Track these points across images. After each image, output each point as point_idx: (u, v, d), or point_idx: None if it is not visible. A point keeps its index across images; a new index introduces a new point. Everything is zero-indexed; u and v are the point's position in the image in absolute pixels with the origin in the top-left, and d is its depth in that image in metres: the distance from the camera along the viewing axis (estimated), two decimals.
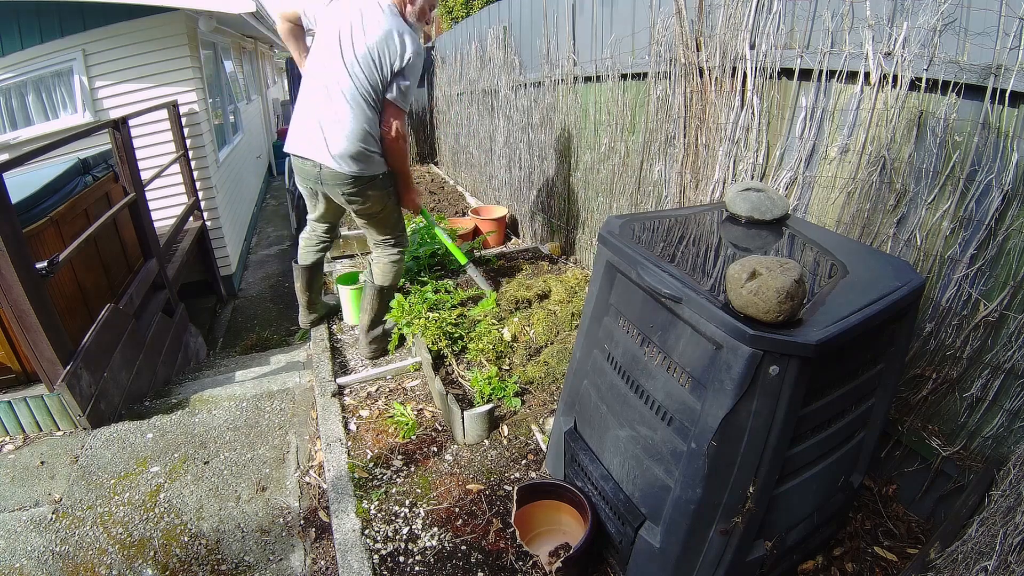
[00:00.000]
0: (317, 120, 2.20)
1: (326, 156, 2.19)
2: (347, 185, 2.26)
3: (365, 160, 2.23)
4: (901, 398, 1.72)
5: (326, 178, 2.27)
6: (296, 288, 2.94)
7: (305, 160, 2.27)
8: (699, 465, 1.20)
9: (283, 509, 1.91)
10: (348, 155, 2.18)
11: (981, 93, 1.38)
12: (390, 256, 2.59)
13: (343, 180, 2.24)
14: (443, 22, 9.60)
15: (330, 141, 2.18)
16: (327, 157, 2.19)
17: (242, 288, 5.33)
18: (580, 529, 1.60)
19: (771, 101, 1.97)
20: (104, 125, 3.01)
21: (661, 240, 1.54)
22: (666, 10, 2.30)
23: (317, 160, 2.22)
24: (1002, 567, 1.16)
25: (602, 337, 1.56)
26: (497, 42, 4.38)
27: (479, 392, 2.26)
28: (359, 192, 2.30)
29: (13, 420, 2.30)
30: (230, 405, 2.46)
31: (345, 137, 2.17)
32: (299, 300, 2.98)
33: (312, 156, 2.23)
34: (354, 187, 2.27)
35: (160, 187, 4.37)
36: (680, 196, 2.48)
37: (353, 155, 2.19)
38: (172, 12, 4.15)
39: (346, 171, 2.21)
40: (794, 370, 1.09)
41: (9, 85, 4.46)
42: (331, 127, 2.18)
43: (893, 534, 1.69)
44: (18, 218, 2.12)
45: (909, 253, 1.63)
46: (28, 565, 1.70)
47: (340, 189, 2.28)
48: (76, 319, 2.57)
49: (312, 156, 2.23)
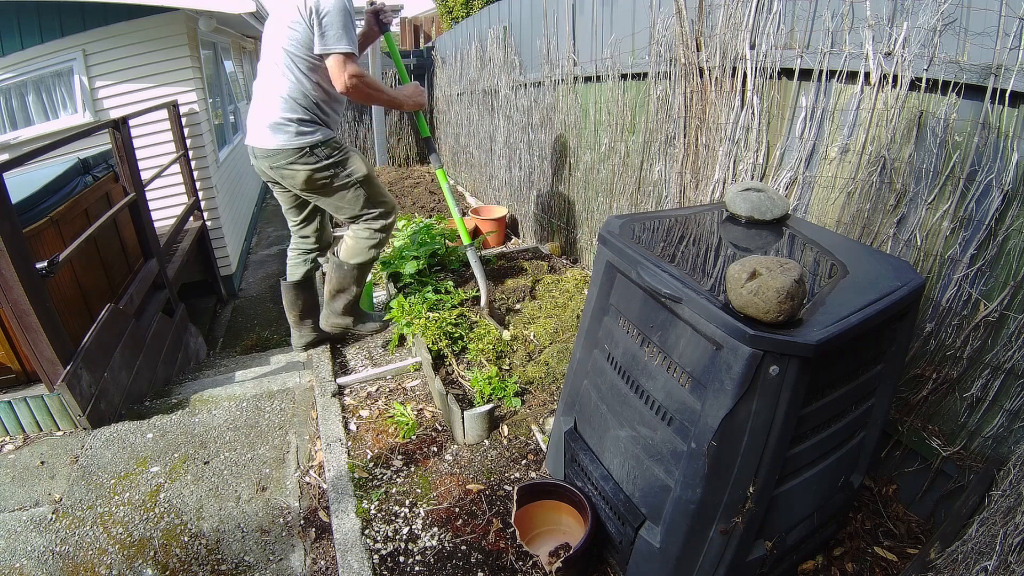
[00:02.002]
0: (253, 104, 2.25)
1: (253, 137, 2.22)
2: (270, 159, 2.21)
3: (281, 131, 2.15)
4: (901, 398, 1.72)
5: (257, 154, 2.25)
6: (284, 306, 2.74)
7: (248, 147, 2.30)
8: (699, 465, 1.20)
9: (283, 509, 1.91)
10: (266, 125, 2.16)
11: (981, 93, 1.38)
12: (357, 231, 2.46)
13: (266, 154, 2.21)
14: (443, 22, 9.60)
15: (256, 120, 2.20)
16: (253, 137, 2.22)
17: (242, 288, 5.33)
18: (580, 529, 1.60)
19: (771, 101, 1.97)
20: (104, 125, 3.00)
21: (661, 240, 1.54)
22: (666, 10, 2.30)
23: (248, 144, 2.26)
24: (1002, 567, 1.16)
25: (602, 337, 1.56)
26: (497, 42, 4.38)
27: (479, 392, 2.26)
28: (284, 166, 2.22)
29: (13, 420, 2.30)
30: (230, 405, 2.46)
31: (263, 111, 2.17)
32: (288, 320, 2.77)
33: (248, 142, 2.27)
34: (276, 161, 2.21)
35: (160, 187, 4.37)
36: (680, 196, 2.48)
37: (270, 126, 2.16)
38: (172, 12, 4.15)
39: (268, 146, 2.18)
40: (794, 370, 1.09)
41: (9, 85, 4.46)
42: (255, 107, 2.21)
43: (893, 534, 1.69)
44: (18, 218, 2.12)
45: (909, 253, 1.63)
46: (28, 565, 1.70)
47: (267, 163, 2.23)
48: (76, 319, 2.57)
49: (248, 142, 2.27)
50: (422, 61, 7.46)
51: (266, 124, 2.16)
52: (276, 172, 2.25)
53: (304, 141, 2.18)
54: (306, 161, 2.20)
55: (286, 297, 2.69)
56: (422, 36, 11.17)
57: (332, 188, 2.31)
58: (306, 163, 2.20)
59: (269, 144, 2.17)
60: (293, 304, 2.70)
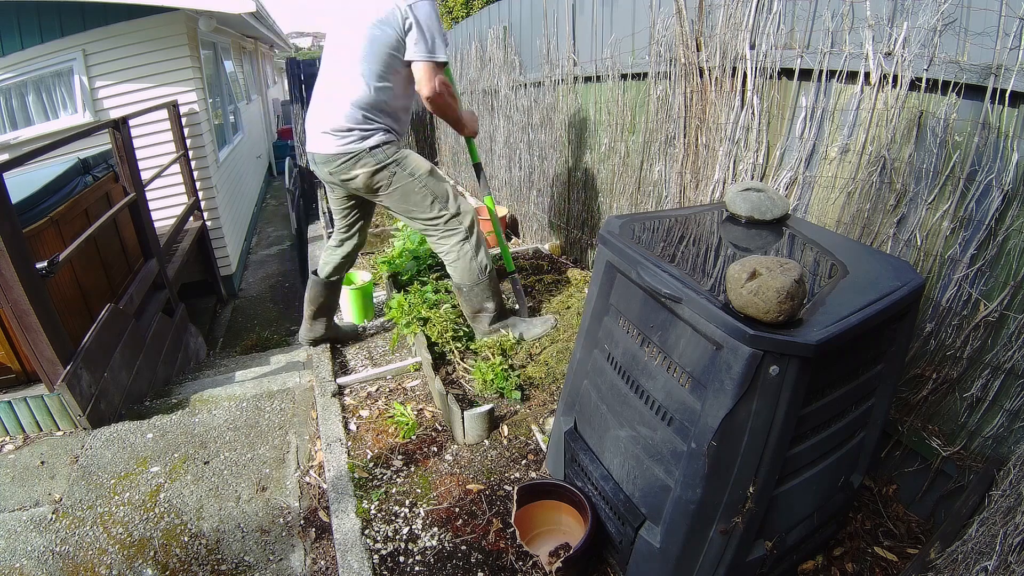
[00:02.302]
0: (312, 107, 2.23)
1: (315, 143, 2.20)
2: (329, 164, 2.19)
3: (345, 136, 2.11)
4: (901, 398, 1.72)
5: (318, 160, 2.23)
6: (305, 299, 2.69)
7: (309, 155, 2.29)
8: (699, 465, 1.20)
9: (283, 509, 1.91)
10: (330, 129, 2.13)
11: (981, 93, 1.38)
12: (447, 245, 2.33)
13: (325, 160, 2.19)
14: (443, 22, 9.59)
15: (320, 125, 2.17)
16: (315, 143, 2.20)
17: (242, 288, 5.34)
18: (580, 529, 1.60)
19: (771, 101, 1.97)
20: (104, 125, 3.01)
21: (661, 240, 1.54)
22: (666, 10, 2.30)
23: (310, 150, 2.24)
24: (1002, 567, 1.16)
25: (602, 337, 1.56)
26: (497, 42, 4.38)
27: (481, 381, 2.26)
28: (344, 170, 2.18)
29: (13, 420, 2.30)
30: (230, 405, 2.46)
31: (328, 114, 2.14)
32: (304, 312, 2.73)
33: (309, 149, 2.25)
34: (333, 165, 2.18)
35: (160, 187, 4.37)
36: (680, 196, 2.48)
37: (333, 131, 2.12)
38: (172, 12, 4.16)
39: (328, 151, 2.16)
40: (794, 370, 1.09)
41: (9, 85, 4.46)
42: (318, 111, 2.19)
43: (893, 534, 1.69)
44: (18, 218, 2.13)
45: (909, 253, 1.63)
46: (28, 565, 1.70)
47: (327, 168, 2.21)
48: (76, 319, 2.57)
49: (309, 149, 2.25)
50: None
51: (326, 128, 2.12)
52: (336, 176, 2.21)
53: (364, 144, 2.13)
54: (365, 163, 2.15)
55: (310, 291, 2.63)
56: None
57: (400, 190, 2.23)
58: (364, 165, 2.16)
59: (329, 149, 2.14)
60: (315, 299, 2.65)
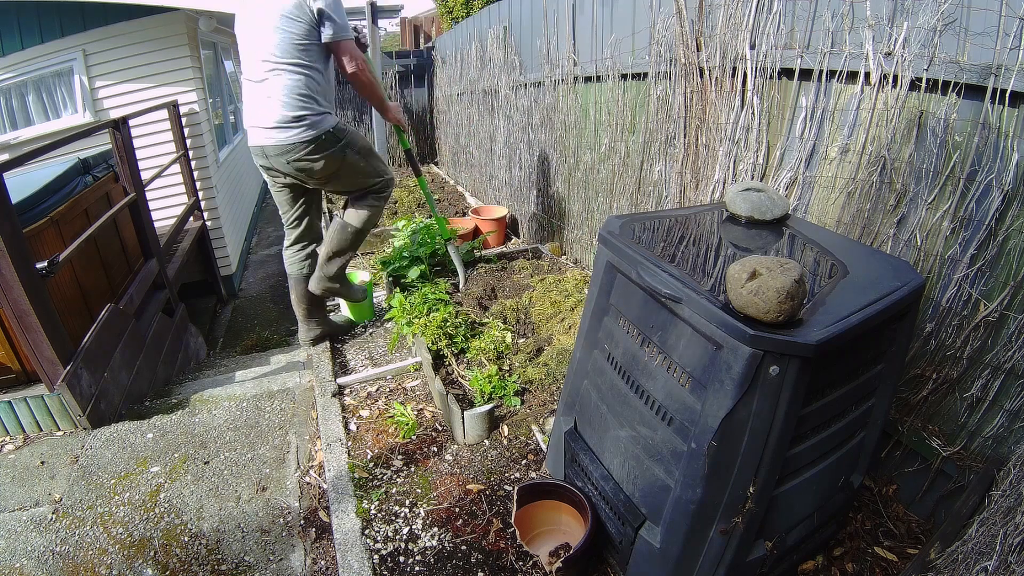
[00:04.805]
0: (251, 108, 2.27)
1: (261, 136, 2.24)
2: (287, 154, 2.25)
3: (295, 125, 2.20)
4: (901, 398, 1.72)
5: (270, 152, 2.27)
6: (293, 301, 2.77)
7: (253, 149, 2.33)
8: (699, 465, 1.20)
9: (283, 509, 1.91)
10: (275, 123, 2.20)
11: (981, 93, 1.38)
12: (366, 203, 2.53)
13: (281, 151, 2.24)
14: (443, 22, 9.59)
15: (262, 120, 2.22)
16: (261, 137, 2.24)
17: (242, 288, 5.33)
18: (580, 529, 1.60)
19: (771, 101, 1.97)
20: (104, 125, 3.00)
21: (661, 240, 1.54)
22: (666, 10, 2.30)
23: (257, 144, 2.27)
24: (1002, 567, 1.16)
25: (602, 337, 1.56)
26: (497, 42, 4.38)
27: (479, 391, 2.26)
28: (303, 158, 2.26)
29: (13, 420, 2.30)
30: (230, 405, 2.46)
31: (269, 109, 2.20)
32: (297, 314, 2.80)
33: (256, 143, 2.29)
34: (294, 154, 2.25)
35: (160, 187, 4.37)
36: (680, 196, 2.48)
37: (279, 122, 2.19)
38: (172, 12, 4.15)
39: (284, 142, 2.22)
40: (794, 370, 1.09)
41: (9, 85, 4.46)
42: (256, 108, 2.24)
43: (893, 534, 1.69)
44: (18, 218, 2.12)
45: (909, 253, 1.63)
46: (28, 565, 1.70)
47: (284, 159, 2.27)
48: (76, 319, 2.57)
49: (256, 143, 2.29)
50: (422, 61, 7.46)
51: (275, 121, 2.19)
52: (293, 166, 2.28)
53: (318, 131, 2.25)
54: (323, 147, 2.27)
55: (295, 292, 2.70)
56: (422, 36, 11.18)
57: (348, 168, 2.39)
58: (323, 150, 2.27)
59: (283, 140, 2.21)
60: (302, 298, 2.71)
